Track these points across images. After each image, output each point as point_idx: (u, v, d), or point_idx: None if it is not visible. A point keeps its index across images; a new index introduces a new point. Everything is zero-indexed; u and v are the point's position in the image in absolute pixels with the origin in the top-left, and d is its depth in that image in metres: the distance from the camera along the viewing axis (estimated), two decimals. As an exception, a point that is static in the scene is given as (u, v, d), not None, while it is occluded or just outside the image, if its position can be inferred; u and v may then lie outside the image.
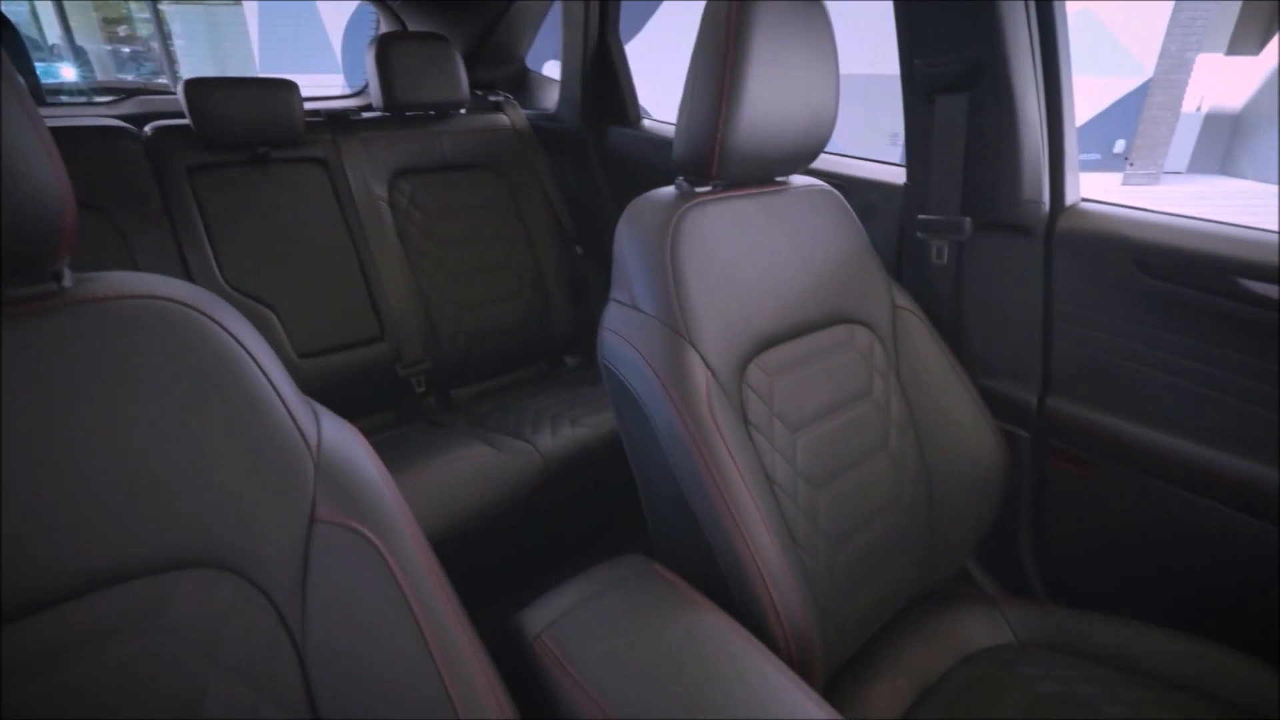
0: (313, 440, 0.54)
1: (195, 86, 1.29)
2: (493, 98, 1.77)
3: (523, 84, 2.00)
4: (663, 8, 7.02)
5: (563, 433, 1.27)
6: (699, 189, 0.85)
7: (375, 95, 1.54)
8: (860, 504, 0.87)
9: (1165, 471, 0.94)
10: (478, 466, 1.16)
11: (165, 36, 7.27)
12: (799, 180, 0.96)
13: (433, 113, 1.62)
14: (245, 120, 1.32)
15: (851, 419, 0.89)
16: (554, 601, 0.68)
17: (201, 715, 0.47)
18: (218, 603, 0.49)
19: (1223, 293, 0.86)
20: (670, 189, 0.86)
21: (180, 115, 1.36)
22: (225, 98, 1.30)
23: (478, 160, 1.65)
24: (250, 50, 7.71)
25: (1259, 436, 0.87)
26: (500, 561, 1.22)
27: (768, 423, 0.81)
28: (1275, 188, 7.51)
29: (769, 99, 0.78)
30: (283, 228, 1.39)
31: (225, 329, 0.52)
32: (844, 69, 0.90)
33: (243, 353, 0.52)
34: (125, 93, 1.72)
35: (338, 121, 1.51)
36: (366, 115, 1.58)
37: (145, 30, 7.65)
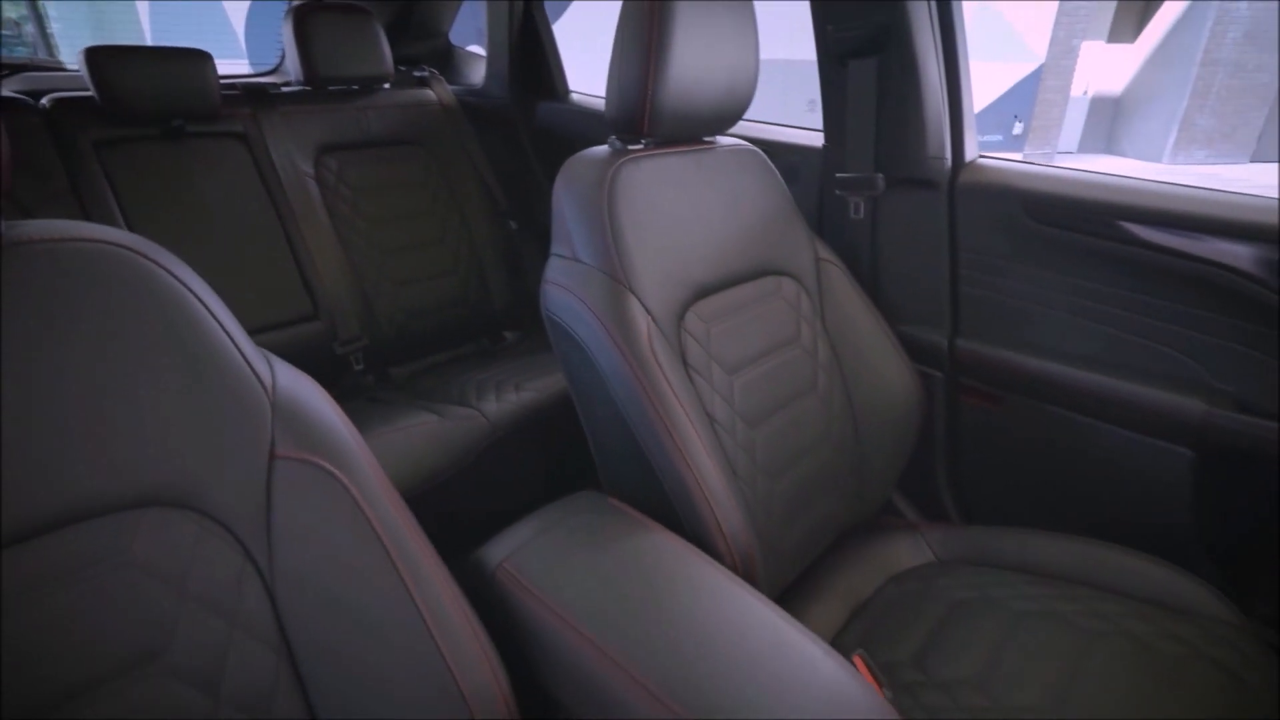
0: (268, 382, 0.55)
1: (99, 55, 1.22)
2: (418, 73, 1.75)
3: (448, 60, 1.98)
4: (573, 7, 7.01)
5: (508, 398, 1.29)
6: (631, 146, 0.89)
7: (294, 69, 1.49)
8: (793, 441, 0.93)
9: (1062, 399, 1.05)
10: (424, 433, 1.17)
11: (40, 17, 6.68)
12: (725, 141, 1.01)
13: (356, 87, 1.59)
14: (156, 91, 1.27)
15: (782, 363, 0.95)
16: (512, 535, 0.71)
17: (174, 646, 0.48)
18: (181, 539, 0.50)
19: (1105, 235, 0.97)
20: (604, 148, 0.89)
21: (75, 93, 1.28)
22: (133, 67, 1.24)
23: (406, 136, 1.63)
24: (141, 34, 7.19)
25: (1143, 362, 0.99)
26: (452, 522, 1.24)
27: (706, 366, 0.87)
28: (1150, 165, 8.20)
29: (694, 58, 0.83)
30: (203, 205, 1.33)
31: (172, 273, 0.53)
32: (766, 55, 0.96)
33: (190, 296, 0.53)
34: (7, 69, 1.59)
35: (256, 95, 1.46)
36: (286, 89, 1.53)
37: (14, 12, 6.99)
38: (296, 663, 0.52)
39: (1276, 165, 7.87)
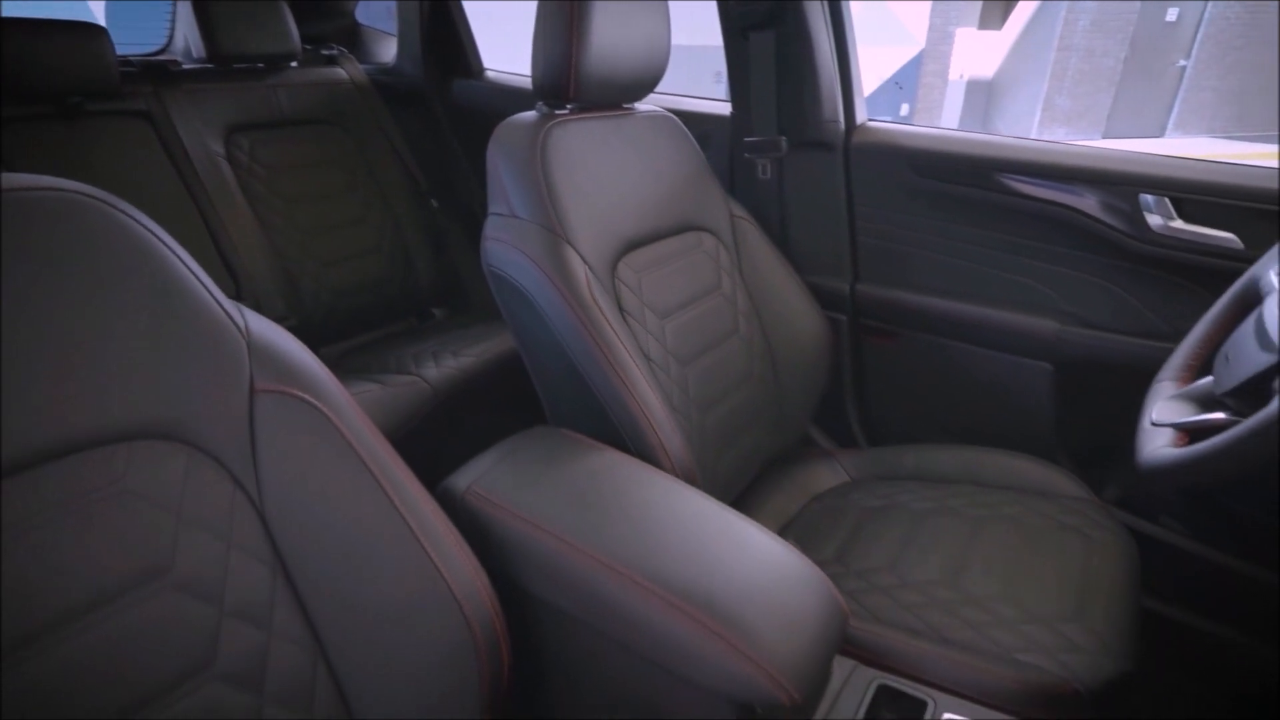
0: (241, 324, 0.59)
1: None
2: (326, 51, 1.73)
3: (355, 38, 1.95)
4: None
5: (447, 364, 1.33)
6: (558, 112, 0.95)
7: (196, 46, 1.45)
8: (721, 379, 1.03)
9: (946, 330, 1.21)
10: (367, 400, 1.19)
11: None
12: (643, 108, 1.09)
13: (262, 65, 1.56)
14: (49, 67, 1.21)
15: (707, 309, 1.05)
16: (475, 465, 0.76)
17: (176, 564, 0.51)
18: (173, 469, 0.53)
19: (976, 185, 1.13)
20: (532, 113, 0.95)
21: None
22: (22, 40, 1.18)
23: (318, 115, 1.61)
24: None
25: (1009, 293, 1.16)
26: None
27: (640, 311, 0.95)
28: (1022, 142, 8.94)
29: (614, 27, 0.90)
30: (109, 185, 1.27)
31: (140, 223, 0.55)
32: (674, 41, 1.05)
33: (160, 244, 0.56)
34: None
35: (157, 72, 1.41)
36: (189, 67, 1.49)
37: None
38: (291, 578, 0.57)
39: (1123, 141, 8.80)
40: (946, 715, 0.63)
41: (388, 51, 1.92)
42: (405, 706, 0.58)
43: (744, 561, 0.63)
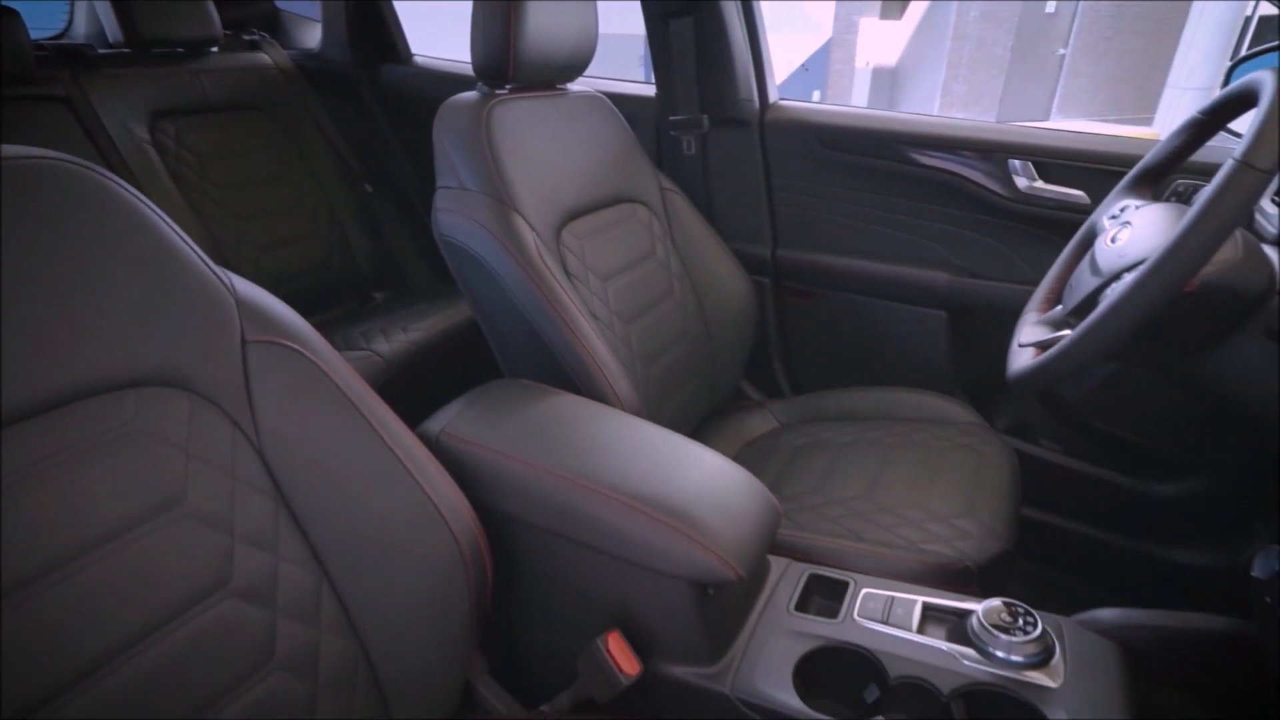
0: (228, 284, 0.64)
1: None
2: (247, 36, 1.71)
3: (276, 24, 1.93)
4: None
5: (397, 338, 1.37)
6: (498, 92, 1.02)
7: (112, 30, 1.42)
8: (659, 336, 1.14)
9: (856, 286, 1.35)
10: (321, 375, 1.23)
11: None
12: (575, 88, 1.17)
13: (182, 50, 1.54)
14: None
15: (643, 274, 1.15)
16: (444, 413, 0.83)
17: (189, 495, 0.57)
18: (178, 413, 0.58)
19: (878, 155, 1.27)
20: (473, 93, 1.02)
21: None
22: None
23: (244, 101, 1.61)
24: None
25: (908, 250, 1.31)
26: None
27: (584, 274, 1.04)
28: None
29: (547, 14, 0.98)
30: None
31: (129, 192, 0.60)
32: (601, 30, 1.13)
33: (149, 210, 0.60)
34: None
35: (73, 57, 1.37)
36: (106, 51, 1.45)
37: None
38: (291, 508, 0.63)
39: (1015, 125, 9.46)
40: (865, 590, 0.76)
41: (310, 37, 1.91)
42: (401, 616, 0.65)
43: (693, 471, 0.73)
